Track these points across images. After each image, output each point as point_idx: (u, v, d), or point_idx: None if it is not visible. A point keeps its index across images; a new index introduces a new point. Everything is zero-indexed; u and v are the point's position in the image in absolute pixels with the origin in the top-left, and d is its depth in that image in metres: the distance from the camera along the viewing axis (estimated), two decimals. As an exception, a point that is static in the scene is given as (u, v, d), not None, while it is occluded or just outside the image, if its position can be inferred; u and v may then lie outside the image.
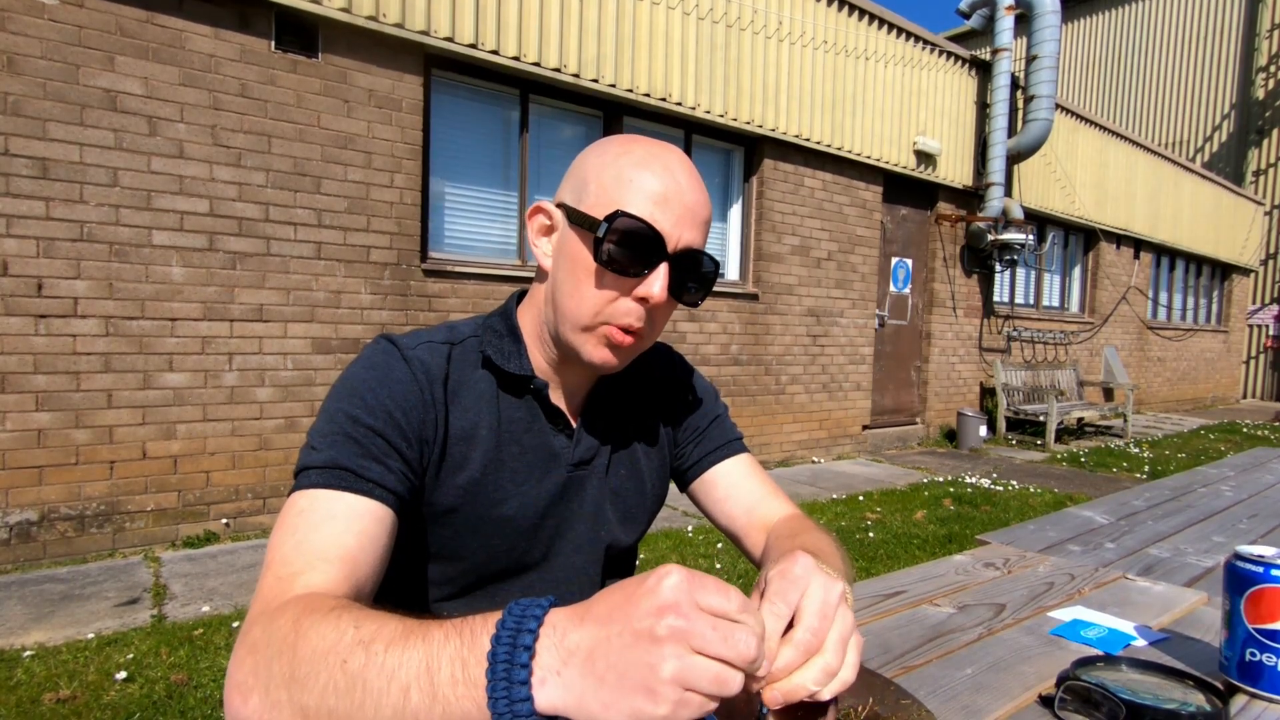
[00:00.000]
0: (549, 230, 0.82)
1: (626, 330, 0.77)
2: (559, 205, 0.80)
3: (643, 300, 0.76)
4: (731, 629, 0.45)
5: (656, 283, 0.74)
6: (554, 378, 0.86)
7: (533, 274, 5.06)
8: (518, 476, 0.84)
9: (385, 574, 0.71)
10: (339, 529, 0.66)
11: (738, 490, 0.96)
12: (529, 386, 0.84)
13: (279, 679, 0.51)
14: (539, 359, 0.86)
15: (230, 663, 0.56)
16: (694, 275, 0.78)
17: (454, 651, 0.47)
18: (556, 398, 0.87)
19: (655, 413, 0.96)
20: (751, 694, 0.52)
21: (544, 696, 0.44)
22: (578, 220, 0.76)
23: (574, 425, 0.88)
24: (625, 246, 0.73)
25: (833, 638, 0.53)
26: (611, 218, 0.73)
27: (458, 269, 4.52)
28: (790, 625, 0.53)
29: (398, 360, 0.78)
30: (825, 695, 0.52)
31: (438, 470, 0.79)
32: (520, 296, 0.91)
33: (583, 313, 0.77)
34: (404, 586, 0.83)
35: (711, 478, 0.97)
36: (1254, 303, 15.17)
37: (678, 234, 0.75)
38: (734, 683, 0.45)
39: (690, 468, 0.99)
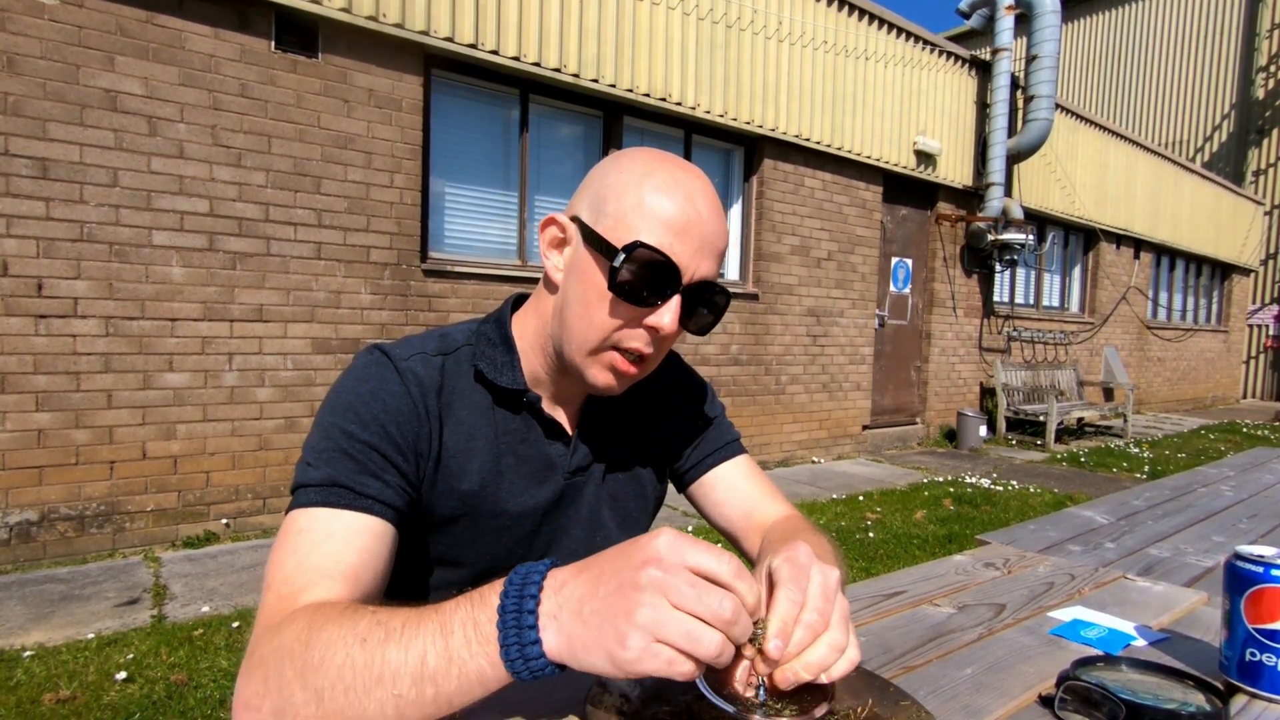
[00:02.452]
0: (561, 243, 0.80)
1: (633, 358, 0.77)
2: (574, 219, 0.78)
3: (653, 329, 0.75)
4: (709, 588, 0.47)
5: (668, 314, 0.74)
6: (550, 386, 0.86)
7: (532, 274, 5.06)
8: (515, 487, 0.84)
9: None
10: (339, 547, 0.66)
11: (736, 493, 0.96)
12: (522, 400, 0.84)
13: (291, 677, 0.52)
14: (536, 367, 0.85)
15: (238, 682, 0.56)
16: (705, 305, 0.78)
17: (465, 614, 0.50)
18: (552, 407, 0.87)
19: (653, 414, 0.96)
20: (748, 672, 0.54)
21: (548, 641, 0.48)
22: (594, 243, 0.75)
23: (570, 434, 0.88)
24: (640, 277, 0.72)
25: (836, 617, 0.55)
26: (630, 248, 0.71)
27: (458, 269, 4.52)
28: None
29: (390, 372, 0.77)
30: (836, 673, 0.54)
31: (434, 482, 0.79)
32: (516, 302, 0.90)
33: (591, 336, 0.76)
34: (399, 590, 0.83)
35: (710, 480, 0.97)
36: (1254, 303, 15.17)
37: (694, 266, 0.74)
38: (706, 641, 0.46)
39: (688, 470, 0.99)
